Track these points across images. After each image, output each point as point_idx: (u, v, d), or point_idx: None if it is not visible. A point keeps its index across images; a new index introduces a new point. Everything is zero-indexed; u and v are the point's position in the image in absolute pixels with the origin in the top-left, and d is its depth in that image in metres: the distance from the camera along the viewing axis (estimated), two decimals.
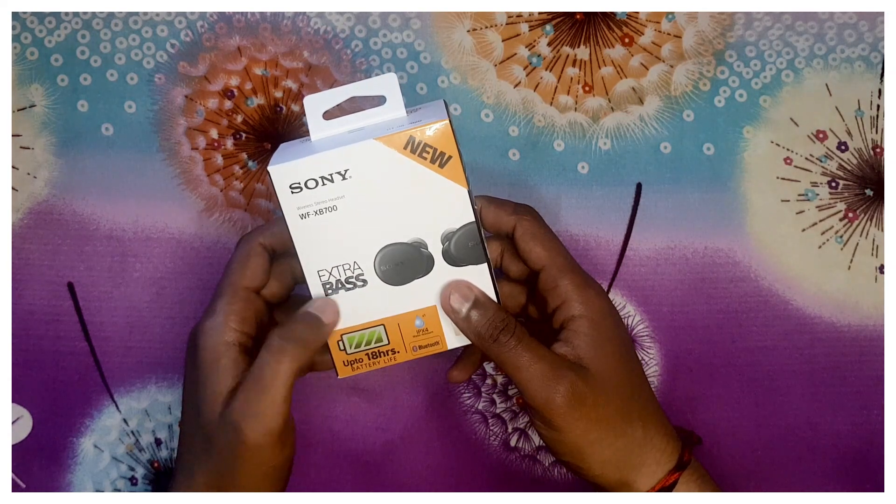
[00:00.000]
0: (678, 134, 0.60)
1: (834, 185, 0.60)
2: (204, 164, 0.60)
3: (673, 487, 0.48)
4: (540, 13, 0.60)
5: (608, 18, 0.60)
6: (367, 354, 0.50)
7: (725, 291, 0.60)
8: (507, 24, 0.60)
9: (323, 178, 0.46)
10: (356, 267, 0.48)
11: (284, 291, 0.51)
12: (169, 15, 0.60)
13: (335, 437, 0.60)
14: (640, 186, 0.60)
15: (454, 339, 0.49)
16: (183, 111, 0.61)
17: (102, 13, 0.60)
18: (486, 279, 0.48)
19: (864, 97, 0.59)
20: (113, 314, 0.60)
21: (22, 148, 0.60)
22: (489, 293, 0.48)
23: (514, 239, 0.49)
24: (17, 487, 0.60)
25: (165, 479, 0.61)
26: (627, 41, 0.60)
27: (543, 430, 0.48)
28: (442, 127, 0.46)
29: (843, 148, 0.59)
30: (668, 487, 0.48)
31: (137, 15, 0.60)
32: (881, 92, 0.59)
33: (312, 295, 0.48)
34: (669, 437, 0.49)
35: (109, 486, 0.61)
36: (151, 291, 0.60)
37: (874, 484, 0.59)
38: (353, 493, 0.60)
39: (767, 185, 0.59)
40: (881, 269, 0.59)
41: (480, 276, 0.48)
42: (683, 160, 0.60)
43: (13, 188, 0.60)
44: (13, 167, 0.60)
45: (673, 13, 0.60)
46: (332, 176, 0.46)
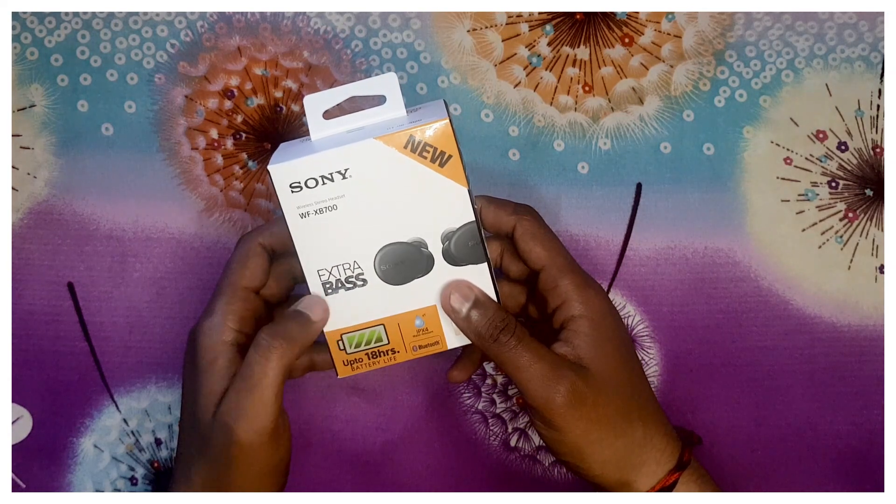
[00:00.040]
0: (678, 134, 0.60)
1: (834, 185, 0.60)
2: (204, 164, 0.60)
3: (673, 487, 0.48)
4: (540, 13, 0.60)
5: (608, 18, 0.60)
6: (366, 354, 0.49)
7: (725, 291, 0.60)
8: (507, 24, 0.60)
9: (323, 177, 0.46)
10: (356, 266, 0.48)
11: (284, 291, 0.51)
12: (169, 15, 0.60)
13: (335, 437, 0.60)
14: (640, 186, 0.60)
15: (454, 338, 0.49)
16: (183, 111, 0.61)
17: (102, 13, 0.60)
18: (486, 279, 0.48)
19: (864, 97, 0.59)
20: (113, 314, 0.60)
21: (22, 148, 0.60)
22: (489, 293, 0.48)
23: (514, 239, 0.49)
24: (17, 487, 0.60)
25: (165, 479, 0.61)
26: (627, 41, 0.60)
27: (543, 430, 0.48)
28: (442, 126, 0.46)
29: (843, 148, 0.59)
30: (668, 487, 0.48)
31: (137, 15, 0.60)
32: (881, 92, 0.59)
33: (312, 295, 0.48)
34: (669, 437, 0.49)
35: (109, 486, 0.61)
36: (151, 291, 0.60)
37: (874, 484, 0.59)
38: (353, 493, 0.60)
39: (767, 185, 0.59)
40: (881, 269, 0.59)
41: (480, 275, 0.48)
42: (683, 160, 0.60)
43: (13, 188, 0.60)
44: (13, 167, 0.60)
45: (673, 13, 0.60)
46: (332, 175, 0.46)
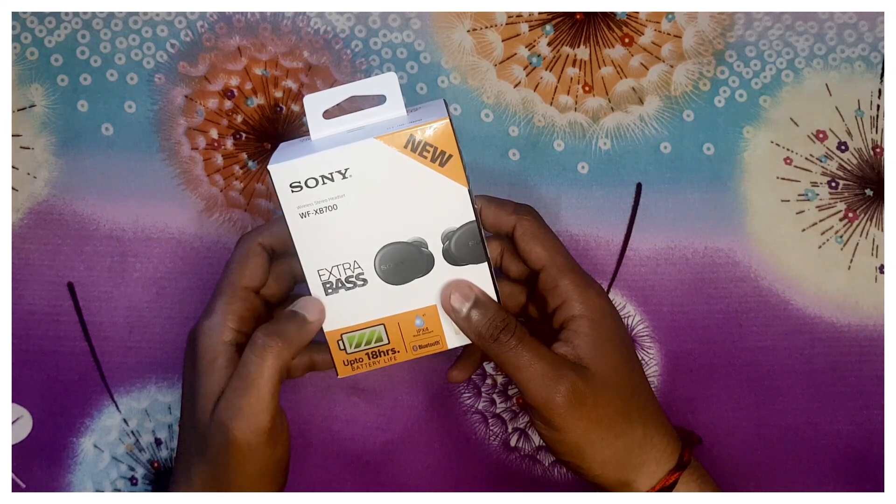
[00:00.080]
0: (678, 134, 0.60)
1: (834, 185, 0.60)
2: (204, 164, 0.60)
3: (673, 487, 0.48)
4: (540, 13, 0.60)
5: (608, 18, 0.60)
6: (367, 354, 0.49)
7: (725, 291, 0.60)
8: (507, 24, 0.60)
9: (323, 176, 0.46)
10: (356, 266, 0.48)
11: (284, 291, 0.51)
12: (169, 15, 0.60)
13: (335, 437, 0.60)
14: (640, 186, 0.60)
15: (454, 338, 0.49)
16: (183, 111, 0.61)
17: (102, 13, 0.60)
18: (486, 278, 0.48)
19: (864, 97, 0.59)
20: (113, 314, 0.60)
21: (22, 148, 0.60)
22: (489, 293, 0.48)
23: (514, 239, 0.49)
24: (17, 487, 0.60)
25: (165, 479, 0.61)
26: (627, 41, 0.60)
27: (544, 429, 0.48)
28: (442, 126, 0.46)
29: (843, 148, 0.59)
30: (668, 487, 0.48)
31: (137, 15, 0.60)
32: (881, 92, 0.59)
33: (312, 294, 0.48)
34: (669, 437, 0.49)
35: (109, 486, 0.61)
36: (151, 291, 0.60)
37: (874, 484, 0.59)
38: (353, 493, 0.60)
39: (767, 185, 0.59)
40: (881, 269, 0.59)
41: (481, 275, 0.48)
42: (683, 160, 0.60)
43: (13, 188, 0.60)
44: (13, 167, 0.60)
45: (673, 13, 0.60)
46: (332, 175, 0.46)
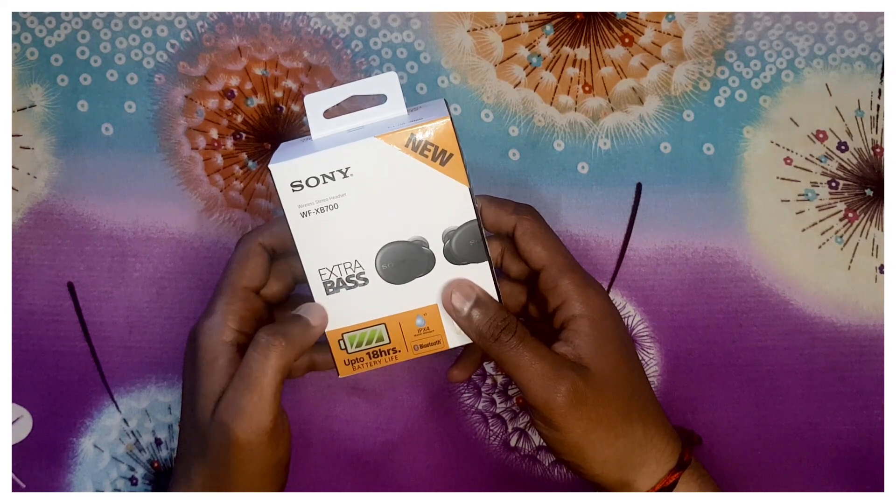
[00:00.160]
0: (678, 134, 0.60)
1: (834, 185, 0.60)
2: (204, 164, 0.60)
3: (673, 487, 0.48)
4: (540, 13, 0.60)
5: (608, 18, 0.60)
6: (368, 353, 0.49)
7: (725, 291, 0.60)
8: (507, 24, 0.60)
9: (324, 175, 0.46)
10: (357, 265, 0.48)
11: (284, 291, 0.51)
12: (169, 15, 0.60)
13: (335, 437, 0.60)
14: (640, 186, 0.60)
15: (455, 338, 0.49)
16: (183, 111, 0.61)
17: (102, 13, 0.60)
18: (487, 278, 0.48)
19: (864, 97, 0.60)
20: (113, 314, 0.60)
21: (22, 148, 0.60)
22: (490, 292, 0.48)
23: (514, 238, 0.49)
24: (17, 487, 0.60)
25: (165, 479, 0.61)
26: (627, 41, 0.60)
27: (544, 429, 0.48)
28: (443, 125, 0.46)
29: (843, 148, 0.60)
30: (668, 487, 0.48)
31: (137, 15, 0.60)
32: (881, 92, 0.59)
33: (313, 293, 0.48)
34: (670, 436, 0.49)
35: (109, 486, 0.61)
36: (151, 291, 0.60)
37: (874, 484, 0.59)
38: (353, 493, 0.60)
39: (767, 185, 0.60)
40: (881, 269, 0.59)
41: (481, 274, 0.48)
42: (683, 160, 0.60)
43: (13, 188, 0.60)
44: (13, 167, 0.60)
45: (673, 13, 0.60)
46: (333, 174, 0.46)
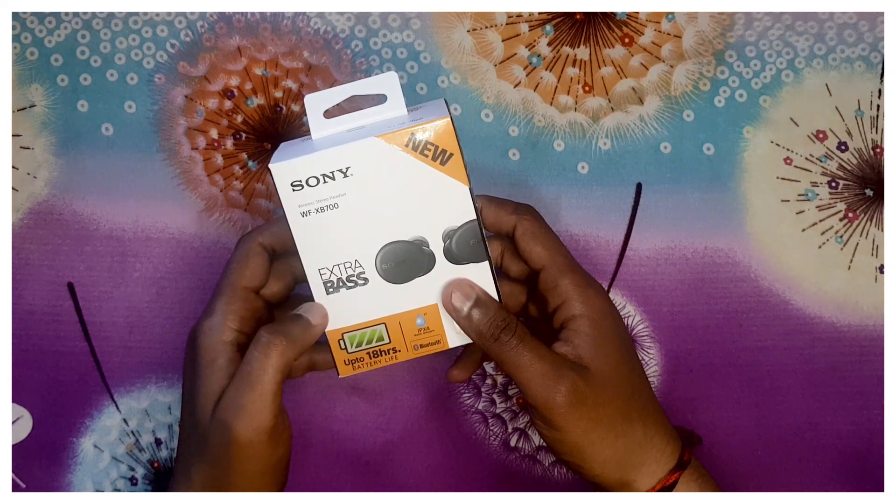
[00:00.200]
0: (678, 134, 0.60)
1: (834, 185, 0.60)
2: (204, 164, 0.60)
3: (673, 487, 0.48)
4: (540, 13, 0.60)
5: (608, 18, 0.60)
6: (368, 353, 0.49)
7: (725, 291, 0.60)
8: (507, 24, 0.60)
9: (324, 175, 0.46)
10: (357, 265, 0.48)
11: (284, 291, 0.51)
12: (169, 15, 0.60)
13: (335, 437, 0.60)
14: (640, 186, 0.60)
15: (455, 337, 0.49)
16: (183, 111, 0.61)
17: (102, 13, 0.60)
18: (487, 277, 0.48)
19: (864, 97, 0.60)
20: (113, 314, 0.60)
21: (22, 148, 0.60)
22: (490, 292, 0.48)
23: (514, 238, 0.49)
24: (17, 487, 0.60)
25: (165, 479, 0.61)
26: (627, 41, 0.60)
27: (544, 429, 0.48)
28: (443, 124, 0.46)
29: (843, 148, 0.60)
30: (668, 487, 0.48)
31: (137, 15, 0.60)
32: (881, 92, 0.59)
33: (313, 293, 0.48)
34: (669, 436, 0.49)
35: (109, 486, 0.61)
36: (151, 291, 0.60)
37: (874, 484, 0.59)
38: (353, 493, 0.60)
39: (767, 185, 0.60)
40: (881, 269, 0.59)
41: (481, 274, 0.48)
42: (683, 160, 0.60)
43: (13, 188, 0.60)
44: (13, 167, 0.60)
45: (673, 13, 0.60)
46: (333, 174, 0.46)
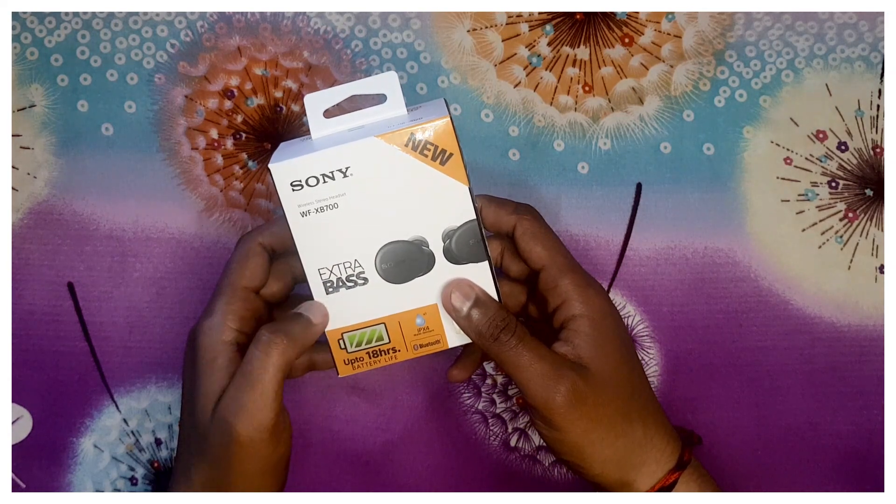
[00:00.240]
0: (678, 134, 0.60)
1: (834, 185, 0.60)
2: (204, 164, 0.60)
3: (673, 487, 0.48)
4: (540, 13, 0.60)
5: (608, 18, 0.60)
6: (367, 353, 0.49)
7: (725, 291, 0.60)
8: (507, 24, 0.60)
9: (324, 175, 0.46)
10: (357, 265, 0.48)
11: (284, 291, 0.51)
12: (169, 15, 0.60)
13: (335, 437, 0.60)
14: (640, 186, 0.60)
15: (455, 337, 0.49)
16: (183, 111, 0.61)
17: (102, 13, 0.60)
18: (486, 277, 0.48)
19: (864, 97, 0.60)
20: (113, 314, 0.60)
21: (22, 148, 0.60)
22: (490, 291, 0.48)
23: (514, 238, 0.49)
24: (17, 487, 0.60)
25: (165, 479, 0.61)
26: (627, 41, 0.60)
27: (544, 429, 0.48)
28: (443, 124, 0.46)
29: (843, 148, 0.60)
30: (668, 487, 0.48)
31: (137, 15, 0.60)
32: (881, 92, 0.59)
33: (313, 293, 0.48)
34: (669, 436, 0.49)
35: (109, 486, 0.61)
36: (151, 291, 0.60)
37: (874, 484, 0.59)
38: (353, 493, 0.60)
39: (767, 185, 0.60)
40: (881, 269, 0.59)
41: (481, 274, 0.48)
42: (683, 160, 0.60)
43: (13, 188, 0.60)
44: (13, 167, 0.60)
45: (673, 13, 0.60)
46: (333, 173, 0.46)
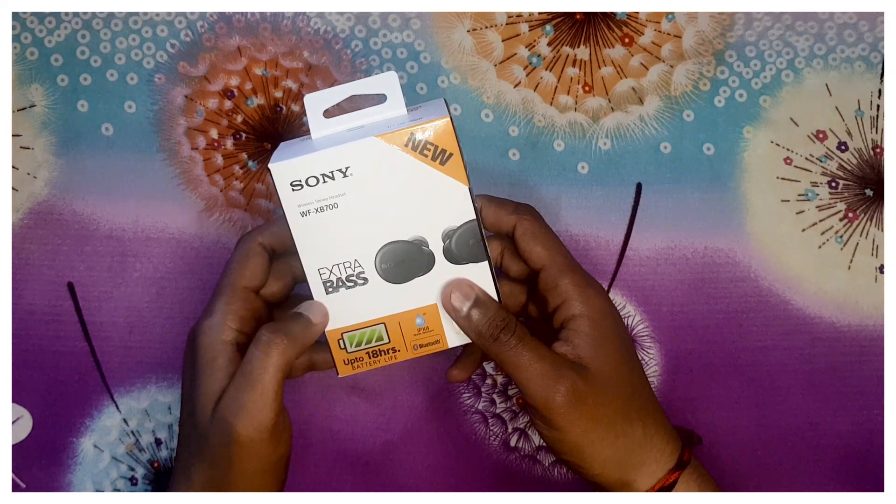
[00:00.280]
0: (678, 134, 0.60)
1: (834, 185, 0.60)
2: (204, 164, 0.60)
3: (673, 487, 0.48)
4: (540, 13, 0.60)
5: (608, 18, 0.60)
6: (367, 353, 0.49)
7: (725, 291, 0.60)
8: (507, 24, 0.60)
9: (324, 175, 0.46)
10: (357, 265, 0.48)
11: (284, 291, 0.51)
12: (169, 15, 0.60)
13: (335, 437, 0.60)
14: (640, 186, 0.60)
15: (455, 337, 0.49)
16: (183, 111, 0.61)
17: (102, 13, 0.60)
18: (486, 277, 0.48)
19: (864, 97, 0.60)
20: (113, 314, 0.60)
21: (22, 148, 0.60)
22: (490, 292, 0.48)
23: (514, 238, 0.49)
24: (17, 487, 0.60)
25: (165, 479, 0.61)
26: (627, 41, 0.60)
27: (544, 429, 0.48)
28: (443, 124, 0.46)
29: (843, 148, 0.60)
30: (667, 487, 0.48)
31: (137, 15, 0.60)
32: (881, 92, 0.59)
33: (313, 293, 0.48)
34: (669, 436, 0.49)
35: (109, 486, 0.61)
36: (151, 291, 0.60)
37: (874, 484, 0.59)
38: (353, 493, 0.60)
39: (767, 185, 0.60)
40: (881, 269, 0.59)
41: (481, 274, 0.48)
42: (683, 160, 0.60)
43: (13, 188, 0.60)
44: (13, 167, 0.60)
45: (673, 13, 0.60)
46: (332, 173, 0.46)
